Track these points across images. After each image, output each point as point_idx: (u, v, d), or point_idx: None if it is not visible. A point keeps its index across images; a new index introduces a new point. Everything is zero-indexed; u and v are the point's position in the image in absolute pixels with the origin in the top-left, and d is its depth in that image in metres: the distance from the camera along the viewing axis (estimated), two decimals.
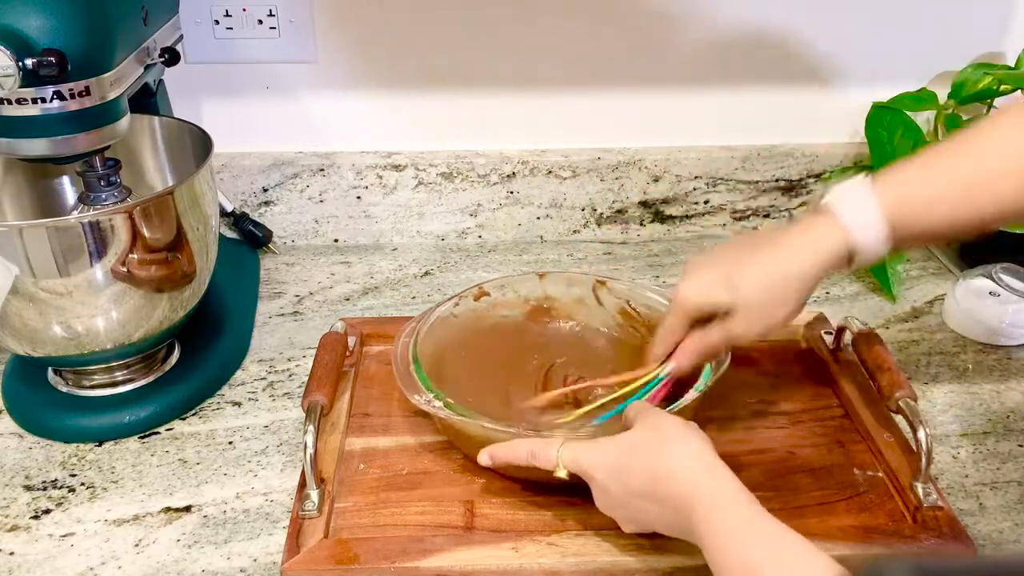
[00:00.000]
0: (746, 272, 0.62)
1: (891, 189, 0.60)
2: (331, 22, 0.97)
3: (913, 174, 0.62)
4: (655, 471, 0.55)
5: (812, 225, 0.62)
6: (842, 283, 0.99)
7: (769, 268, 0.62)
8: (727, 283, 0.62)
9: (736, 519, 0.51)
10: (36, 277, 0.67)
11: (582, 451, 0.59)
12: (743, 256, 0.63)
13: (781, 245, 0.62)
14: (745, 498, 0.52)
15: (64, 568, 0.62)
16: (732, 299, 0.62)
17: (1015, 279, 0.89)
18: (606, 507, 0.59)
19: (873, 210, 0.60)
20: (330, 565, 0.60)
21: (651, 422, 0.59)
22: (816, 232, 0.61)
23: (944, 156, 0.62)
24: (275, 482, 0.70)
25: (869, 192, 0.61)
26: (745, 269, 0.62)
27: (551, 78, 1.01)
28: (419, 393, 0.68)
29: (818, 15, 1.00)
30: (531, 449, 0.61)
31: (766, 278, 0.62)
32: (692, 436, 0.57)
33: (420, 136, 1.04)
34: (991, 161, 0.60)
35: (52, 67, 0.61)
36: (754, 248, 0.64)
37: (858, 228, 0.60)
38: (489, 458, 0.64)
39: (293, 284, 0.98)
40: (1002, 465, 0.72)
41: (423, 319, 0.76)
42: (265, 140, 1.02)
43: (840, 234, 0.60)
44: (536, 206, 1.06)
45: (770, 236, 0.64)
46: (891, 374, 0.70)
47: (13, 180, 0.82)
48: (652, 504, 0.56)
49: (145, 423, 0.75)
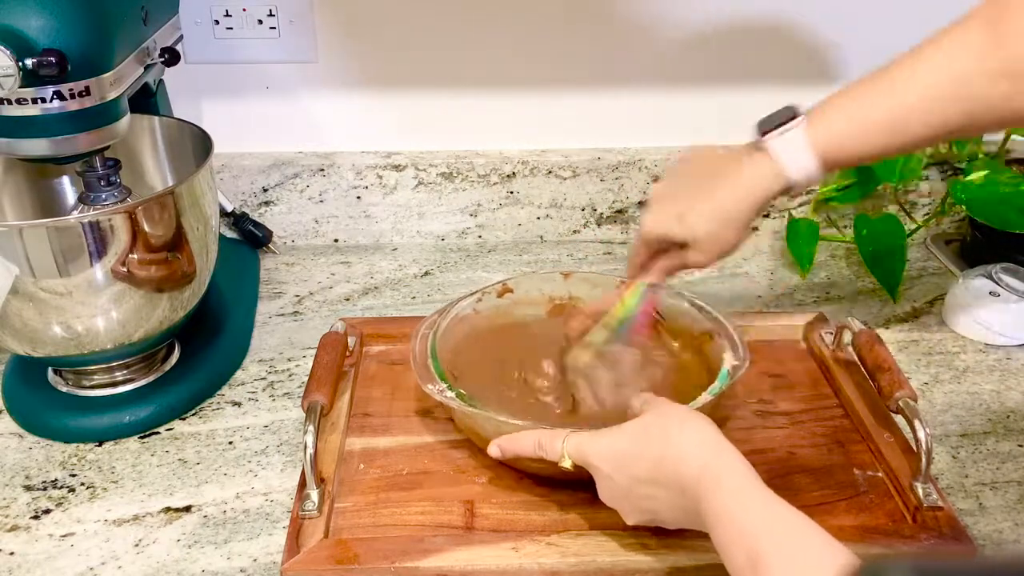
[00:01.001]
0: (695, 210, 0.69)
1: (825, 127, 0.65)
2: (331, 22, 0.97)
3: (848, 109, 0.65)
4: (663, 455, 0.56)
5: (752, 163, 0.68)
6: (842, 283, 0.99)
7: (714, 207, 0.69)
8: (680, 219, 0.69)
9: (743, 496, 0.52)
10: (36, 277, 0.67)
11: (586, 442, 0.60)
12: (693, 192, 0.70)
13: (725, 182, 0.69)
14: (753, 477, 0.53)
15: (64, 568, 0.62)
16: (684, 234, 0.69)
17: (1015, 279, 0.89)
18: (610, 498, 0.59)
19: (807, 151, 0.66)
20: (330, 565, 0.60)
21: (659, 410, 0.59)
22: (755, 171, 0.67)
23: (880, 85, 0.64)
24: (275, 482, 0.70)
25: (803, 134, 0.66)
26: (695, 207, 0.69)
27: (551, 78, 1.02)
28: (433, 383, 0.68)
29: (818, 15, 1.00)
30: (538, 440, 0.62)
31: (713, 214, 0.69)
32: (701, 421, 0.57)
33: (420, 136, 1.04)
34: (925, 91, 0.62)
35: (52, 67, 0.61)
36: (703, 182, 0.70)
37: (792, 168, 0.66)
38: (498, 449, 0.65)
39: (293, 284, 0.98)
40: (1002, 465, 0.72)
41: (444, 313, 0.76)
42: (265, 140, 1.02)
43: (777, 173, 0.67)
44: (536, 206, 1.06)
45: (716, 169, 0.70)
46: (891, 374, 0.70)
47: (13, 180, 0.82)
48: (659, 489, 0.56)
49: (145, 423, 0.75)
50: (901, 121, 0.63)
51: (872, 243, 0.96)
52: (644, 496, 0.57)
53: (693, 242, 0.69)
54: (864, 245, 0.97)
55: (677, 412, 0.59)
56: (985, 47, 0.60)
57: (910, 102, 0.63)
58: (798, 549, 0.48)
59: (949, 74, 0.61)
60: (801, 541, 0.49)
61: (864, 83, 0.65)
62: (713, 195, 0.69)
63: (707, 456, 0.54)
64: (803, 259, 0.98)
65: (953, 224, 1.09)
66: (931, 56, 0.63)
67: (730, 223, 0.68)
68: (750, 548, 0.48)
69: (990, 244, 0.98)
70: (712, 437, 0.56)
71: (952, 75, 0.61)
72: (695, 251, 0.70)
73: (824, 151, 0.65)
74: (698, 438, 0.56)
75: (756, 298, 0.96)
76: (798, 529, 0.49)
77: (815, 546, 0.48)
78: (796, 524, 0.49)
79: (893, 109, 0.63)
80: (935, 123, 0.62)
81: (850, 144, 0.65)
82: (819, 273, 1.01)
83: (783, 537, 0.49)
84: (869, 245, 0.96)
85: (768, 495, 0.52)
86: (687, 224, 0.69)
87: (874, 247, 0.96)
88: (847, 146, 0.65)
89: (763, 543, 0.48)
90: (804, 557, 0.47)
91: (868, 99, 0.64)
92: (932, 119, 0.62)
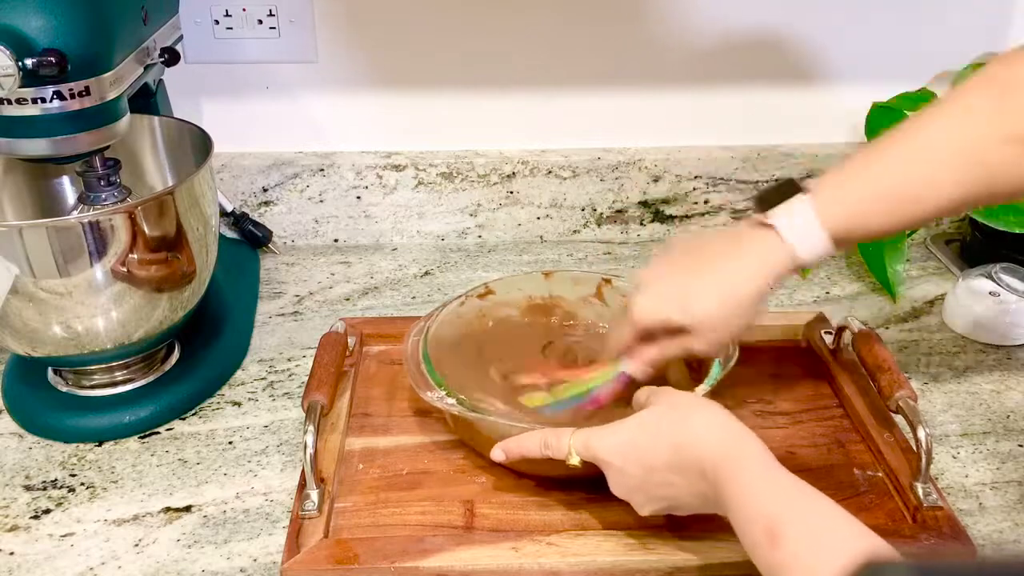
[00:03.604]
0: (699, 293, 0.63)
1: (833, 203, 0.62)
2: (331, 22, 0.97)
3: (854, 183, 0.62)
4: (679, 441, 0.55)
5: (757, 242, 0.63)
6: (842, 283, 0.99)
7: (721, 289, 0.63)
8: (682, 305, 0.63)
9: (764, 477, 0.52)
10: (36, 277, 0.67)
11: (595, 437, 0.59)
12: (694, 273, 0.65)
13: (730, 263, 0.64)
14: (772, 459, 0.53)
15: (64, 568, 0.62)
16: (686, 321, 0.63)
17: (1015, 279, 0.89)
18: (624, 491, 0.59)
19: (815, 228, 0.61)
20: (330, 565, 0.60)
21: (668, 400, 0.59)
22: (762, 249, 0.63)
23: (885, 158, 0.62)
24: (275, 482, 0.70)
25: (810, 210, 0.61)
26: (698, 290, 0.64)
27: (551, 78, 1.02)
28: (431, 390, 0.68)
29: (818, 15, 1.00)
30: (544, 439, 0.62)
31: (719, 299, 0.63)
32: (714, 406, 0.57)
33: (420, 136, 1.04)
34: (932, 162, 0.60)
35: (52, 67, 0.61)
36: (703, 263, 0.65)
37: (802, 247, 0.62)
38: (503, 453, 0.64)
39: (293, 284, 0.98)
40: (1002, 465, 0.72)
41: (431, 317, 0.76)
42: (265, 140, 1.02)
43: (785, 252, 0.62)
44: (536, 206, 1.06)
45: (717, 249, 0.65)
46: (891, 374, 0.70)
47: (13, 180, 0.82)
48: (676, 475, 0.56)
49: (145, 423, 0.75)
50: (915, 192, 0.60)
51: (872, 243, 0.96)
52: (660, 484, 0.57)
53: (696, 327, 0.63)
54: (864, 245, 0.97)
55: (689, 399, 0.59)
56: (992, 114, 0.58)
57: (926, 171, 0.60)
58: (820, 526, 0.48)
59: (961, 140, 0.59)
60: (823, 519, 0.48)
61: (870, 154, 0.62)
62: (717, 275, 0.63)
63: (726, 440, 0.54)
64: None
65: (953, 224, 1.09)
66: (939, 124, 0.61)
67: (739, 306, 0.63)
68: (769, 523, 0.48)
69: (990, 244, 0.98)
70: (729, 421, 0.56)
71: (964, 141, 0.59)
72: (697, 338, 0.64)
73: (835, 228, 0.61)
74: (717, 422, 0.56)
75: None
76: (821, 508, 0.49)
77: (839, 526, 0.48)
78: (819, 503, 0.50)
79: (906, 180, 0.60)
80: (951, 192, 0.60)
81: (863, 219, 0.62)
82: (819, 273, 1.01)
83: (805, 513, 0.49)
84: (869, 245, 0.96)
85: (790, 476, 0.52)
86: (689, 308, 0.63)
87: (874, 247, 0.96)
88: (860, 221, 0.62)
89: (783, 517, 0.48)
90: (824, 533, 0.47)
91: (877, 171, 0.61)
92: (948, 188, 0.60)
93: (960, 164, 0.59)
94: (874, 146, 0.63)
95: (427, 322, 0.76)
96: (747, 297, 0.63)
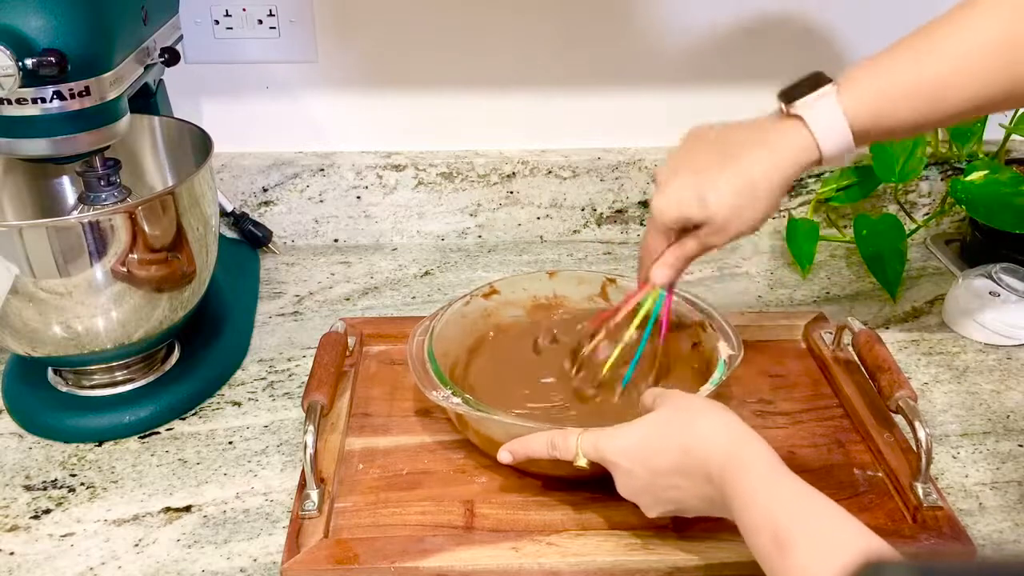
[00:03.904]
0: (716, 185, 0.62)
1: (859, 95, 0.61)
2: (331, 22, 0.97)
3: (882, 78, 0.61)
4: (686, 443, 0.55)
5: (781, 132, 0.62)
6: (842, 283, 0.99)
7: (739, 180, 0.62)
8: (699, 198, 0.62)
9: (770, 481, 0.52)
10: (36, 277, 0.67)
11: (602, 439, 0.59)
12: (711, 165, 0.63)
13: (752, 152, 0.62)
14: (779, 463, 0.53)
15: (64, 568, 0.62)
16: (705, 215, 0.63)
17: (1015, 279, 0.89)
18: (631, 493, 0.59)
19: (841, 121, 0.60)
20: (330, 565, 0.60)
21: (675, 403, 0.59)
22: (785, 141, 0.62)
23: (915, 53, 0.61)
24: (275, 482, 0.70)
25: (836, 103, 0.61)
26: (715, 182, 0.62)
27: (551, 78, 1.02)
28: (436, 389, 0.68)
29: (818, 14, 1.00)
30: (551, 440, 0.61)
31: (737, 191, 0.62)
32: (721, 409, 0.57)
33: (420, 136, 1.04)
34: (963, 60, 0.59)
35: (52, 67, 0.61)
36: (722, 155, 0.63)
37: (827, 140, 0.61)
38: (509, 454, 0.64)
39: (293, 284, 0.98)
40: (1002, 465, 0.72)
41: (436, 317, 0.76)
42: (265, 140, 1.02)
43: (809, 145, 0.61)
44: (536, 206, 1.06)
45: (739, 139, 0.64)
46: (891, 374, 0.70)
47: (13, 180, 0.82)
48: (683, 479, 0.55)
49: (145, 423, 0.75)
50: (942, 88, 0.59)
51: (872, 243, 0.96)
52: (667, 487, 0.57)
53: (713, 221, 0.63)
54: (864, 245, 0.97)
55: (696, 402, 0.59)
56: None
57: (953, 66, 0.59)
58: (825, 530, 0.48)
59: (992, 36, 0.58)
60: (828, 523, 0.48)
61: (898, 48, 0.61)
62: (738, 167, 0.62)
63: (733, 443, 0.54)
64: (803, 259, 0.98)
65: (953, 224, 1.09)
66: (971, 19, 0.59)
67: (758, 199, 0.62)
68: (776, 529, 0.48)
69: (990, 244, 0.98)
70: (736, 425, 0.56)
71: (996, 37, 0.58)
72: (712, 232, 0.63)
73: (859, 121, 0.60)
74: (723, 426, 0.56)
75: (756, 298, 0.96)
76: (825, 512, 0.49)
77: (843, 529, 0.48)
78: (823, 506, 0.49)
79: (934, 74, 0.59)
80: (978, 89, 0.59)
81: (887, 113, 0.61)
82: (819, 273, 1.01)
83: (810, 518, 0.49)
84: (869, 245, 0.96)
85: (795, 479, 0.52)
86: (708, 201, 0.62)
87: (874, 247, 0.96)
88: (884, 116, 0.61)
89: (789, 523, 0.48)
90: (830, 538, 0.47)
91: (905, 64, 0.60)
92: (975, 84, 0.59)
93: (991, 63, 0.58)
94: (904, 42, 0.61)
95: (432, 321, 0.76)
96: (768, 188, 0.61)
